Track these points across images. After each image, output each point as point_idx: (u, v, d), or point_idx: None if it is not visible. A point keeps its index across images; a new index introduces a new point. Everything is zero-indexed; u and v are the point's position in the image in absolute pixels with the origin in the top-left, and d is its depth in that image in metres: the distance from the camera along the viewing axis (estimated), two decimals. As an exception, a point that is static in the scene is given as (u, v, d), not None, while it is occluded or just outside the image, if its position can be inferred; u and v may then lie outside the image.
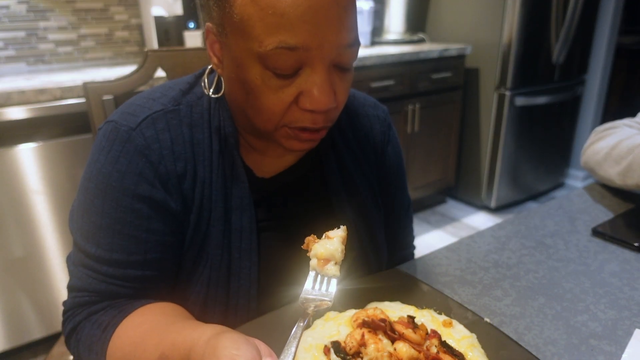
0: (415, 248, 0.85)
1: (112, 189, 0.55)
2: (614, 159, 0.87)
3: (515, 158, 2.58)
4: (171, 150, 0.57)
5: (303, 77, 0.51)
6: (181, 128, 0.59)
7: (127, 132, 0.56)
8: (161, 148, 0.57)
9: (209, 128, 0.60)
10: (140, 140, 0.56)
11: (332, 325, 0.52)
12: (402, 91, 2.22)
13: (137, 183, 0.56)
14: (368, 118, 0.74)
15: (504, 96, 2.41)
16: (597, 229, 0.80)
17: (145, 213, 0.56)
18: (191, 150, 0.59)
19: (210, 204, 0.60)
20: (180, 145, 0.58)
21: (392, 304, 0.57)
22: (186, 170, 0.58)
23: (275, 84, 0.51)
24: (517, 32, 2.29)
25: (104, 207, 0.56)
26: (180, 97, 0.61)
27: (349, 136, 0.71)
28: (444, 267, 0.71)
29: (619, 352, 0.53)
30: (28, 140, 1.41)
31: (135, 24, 2.05)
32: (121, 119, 0.58)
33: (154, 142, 0.57)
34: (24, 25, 1.82)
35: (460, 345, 0.50)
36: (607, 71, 2.79)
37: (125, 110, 0.59)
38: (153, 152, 0.56)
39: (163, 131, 0.58)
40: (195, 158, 0.59)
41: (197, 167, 0.59)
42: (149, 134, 0.57)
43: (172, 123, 0.59)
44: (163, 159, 0.57)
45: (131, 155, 0.56)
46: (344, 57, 0.51)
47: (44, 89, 1.38)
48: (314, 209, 0.68)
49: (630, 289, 0.65)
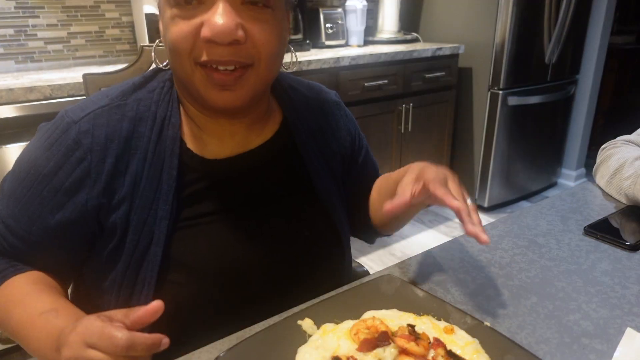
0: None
1: (35, 170, 0.59)
2: (615, 190, 0.92)
3: (508, 157, 2.59)
4: (104, 146, 0.59)
5: (205, 8, 0.53)
6: (121, 123, 0.60)
7: (68, 124, 0.59)
8: (92, 144, 0.58)
9: (153, 120, 0.62)
10: (74, 134, 0.58)
11: (332, 339, 0.51)
12: (395, 90, 2.22)
13: (55, 173, 0.58)
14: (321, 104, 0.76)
15: (497, 95, 2.42)
16: (589, 228, 0.80)
17: (50, 202, 0.58)
18: (127, 145, 0.60)
19: (137, 195, 0.60)
20: (115, 141, 0.59)
21: (390, 312, 0.56)
22: (116, 166, 0.59)
23: (181, 16, 0.53)
24: (510, 32, 2.30)
25: (24, 181, 0.59)
26: (130, 91, 0.63)
27: (308, 123, 0.73)
28: (437, 267, 0.71)
29: (610, 350, 0.53)
30: (17, 140, 1.39)
31: (126, 21, 2.03)
32: (70, 111, 0.61)
33: (86, 137, 0.58)
34: (12, 23, 1.79)
35: (465, 352, 0.49)
36: (599, 71, 2.81)
37: (80, 104, 0.62)
38: (82, 147, 0.58)
39: (100, 127, 0.59)
40: (130, 152, 0.60)
41: (131, 161, 0.60)
42: (84, 129, 0.59)
43: (113, 119, 0.60)
44: (90, 154, 0.58)
45: (62, 146, 0.58)
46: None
47: (33, 88, 1.36)
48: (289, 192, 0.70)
49: (621, 288, 0.65)
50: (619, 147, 0.96)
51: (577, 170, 3.01)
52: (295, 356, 0.50)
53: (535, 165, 2.77)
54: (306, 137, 0.72)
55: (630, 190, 0.85)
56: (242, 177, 0.66)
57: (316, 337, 0.52)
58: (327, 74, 1.94)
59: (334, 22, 2.30)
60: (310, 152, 0.71)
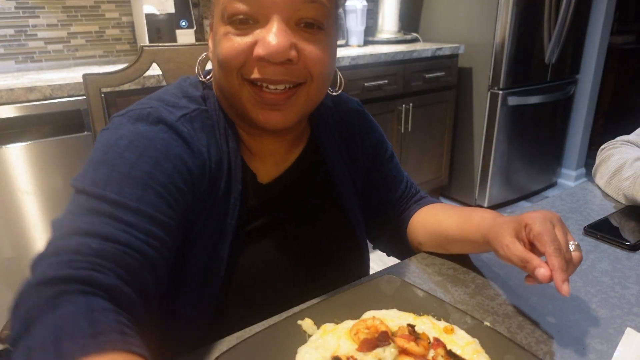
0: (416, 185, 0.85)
1: (153, 149, 0.51)
2: (614, 190, 0.92)
3: (508, 157, 2.59)
4: (207, 148, 0.58)
5: (259, 29, 0.53)
6: (214, 129, 0.60)
7: (170, 121, 0.55)
8: (200, 145, 0.58)
9: (219, 129, 0.61)
10: (184, 130, 0.56)
11: (332, 339, 0.51)
12: (395, 90, 2.22)
13: (182, 156, 0.54)
14: (346, 115, 0.75)
15: (497, 95, 2.42)
16: (589, 228, 0.80)
17: (180, 185, 0.52)
18: (218, 151, 0.60)
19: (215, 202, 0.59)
20: (213, 145, 0.59)
21: (390, 312, 0.56)
22: (216, 170, 0.59)
23: (234, 33, 0.54)
24: (510, 32, 2.30)
25: (138, 161, 0.49)
26: (203, 97, 0.62)
27: (336, 136, 0.73)
28: (437, 267, 0.71)
29: (610, 350, 0.53)
30: (17, 140, 1.39)
31: (126, 21, 2.03)
32: (161, 109, 0.56)
33: (193, 138, 0.57)
34: (12, 23, 1.79)
35: (465, 352, 0.49)
36: (599, 71, 2.81)
37: (158, 105, 0.57)
38: (195, 143, 0.57)
39: (199, 130, 0.58)
40: (221, 159, 0.60)
41: (221, 168, 0.60)
42: (189, 128, 0.57)
43: (206, 123, 0.60)
44: (203, 154, 0.57)
45: (177, 137, 0.55)
46: (302, 11, 0.53)
47: (33, 87, 1.36)
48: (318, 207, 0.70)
49: (621, 288, 0.65)
50: (618, 147, 0.96)
51: (577, 170, 3.01)
52: (295, 356, 0.50)
53: (535, 165, 2.77)
54: (332, 150, 0.71)
55: (629, 190, 0.85)
56: (285, 193, 0.67)
57: (316, 337, 0.52)
58: (327, 74, 1.94)
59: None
60: (337, 166, 0.71)
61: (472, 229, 0.64)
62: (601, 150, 0.99)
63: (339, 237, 0.73)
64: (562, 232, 0.54)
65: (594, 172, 0.99)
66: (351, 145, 0.74)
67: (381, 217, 0.79)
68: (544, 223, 0.53)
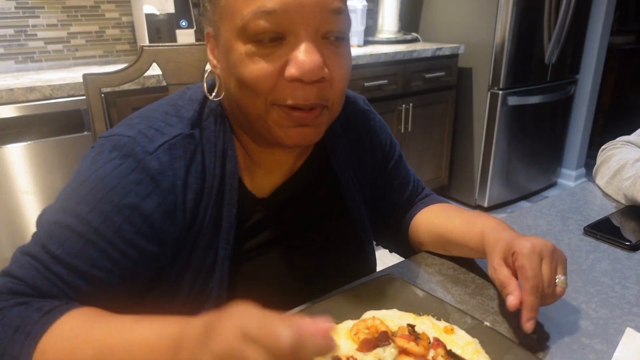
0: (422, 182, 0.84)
1: (107, 202, 0.51)
2: (614, 190, 0.92)
3: (507, 157, 2.59)
4: (184, 180, 0.55)
5: (288, 47, 0.50)
6: (196, 155, 0.56)
7: (142, 153, 0.53)
8: (174, 177, 0.54)
9: (214, 151, 0.58)
10: (156, 164, 0.53)
11: None
12: (395, 90, 2.22)
13: (138, 205, 0.52)
14: (352, 116, 0.73)
15: (497, 95, 2.42)
16: (589, 228, 0.80)
17: (129, 237, 0.52)
18: (202, 179, 0.57)
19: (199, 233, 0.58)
20: (193, 175, 0.56)
21: (390, 312, 0.56)
22: (196, 202, 0.56)
23: (260, 54, 0.50)
24: (510, 32, 2.30)
25: (89, 215, 0.51)
26: (196, 118, 0.58)
27: (344, 141, 0.71)
28: (437, 267, 0.71)
29: (610, 350, 0.53)
30: (17, 140, 1.39)
31: (126, 21, 2.03)
32: (139, 138, 0.54)
33: (169, 169, 0.54)
34: (12, 23, 1.79)
35: (465, 352, 0.49)
36: (599, 71, 2.81)
37: (142, 130, 0.55)
38: (166, 179, 0.53)
39: (179, 159, 0.55)
40: (203, 187, 0.57)
41: (204, 196, 0.57)
42: (165, 160, 0.54)
43: (188, 149, 0.56)
44: (175, 189, 0.54)
45: (142, 177, 0.52)
46: (330, 24, 0.51)
47: (33, 87, 1.36)
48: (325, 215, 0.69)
49: (621, 288, 0.65)
50: (619, 148, 0.96)
51: (577, 170, 3.01)
52: (295, 356, 0.50)
53: (535, 165, 2.77)
54: (340, 155, 0.70)
55: (630, 190, 0.85)
56: (290, 202, 0.66)
57: None
58: (327, 74, 1.94)
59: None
60: (345, 172, 0.70)
61: (473, 236, 0.64)
62: (602, 151, 0.99)
63: (346, 244, 0.71)
64: (549, 267, 0.54)
65: (594, 172, 0.99)
66: (359, 149, 0.72)
67: (387, 218, 0.79)
68: (531, 256, 0.53)
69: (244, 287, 0.61)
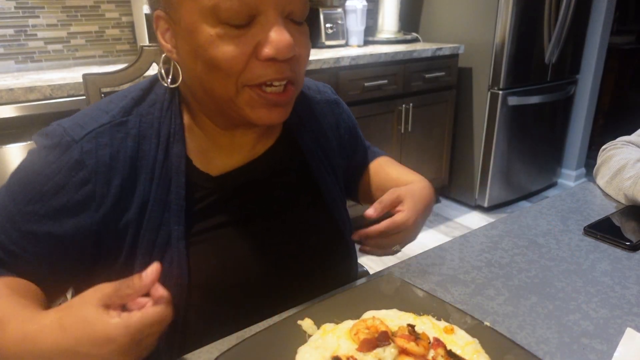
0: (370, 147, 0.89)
1: (32, 188, 0.55)
2: (614, 190, 0.92)
3: (508, 157, 2.59)
4: (109, 167, 0.56)
5: (258, 27, 0.51)
6: (126, 142, 0.58)
7: (68, 143, 0.56)
8: (97, 165, 0.55)
9: (157, 137, 0.59)
10: (77, 154, 0.55)
11: (332, 339, 0.51)
12: (395, 90, 2.22)
13: (55, 193, 0.55)
14: (320, 105, 0.76)
15: (497, 95, 2.42)
16: (589, 228, 0.80)
17: (47, 222, 0.55)
18: (133, 165, 0.58)
19: (145, 216, 0.58)
20: (121, 161, 0.57)
21: (390, 312, 0.56)
22: (122, 188, 0.57)
23: (231, 35, 0.50)
24: (510, 32, 2.30)
25: (18, 198, 0.56)
26: (131, 106, 0.60)
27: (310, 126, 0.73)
28: (437, 267, 0.71)
29: (610, 350, 0.53)
30: (17, 140, 1.39)
31: (126, 21, 2.03)
32: (69, 128, 0.57)
33: (90, 157, 0.55)
34: (12, 23, 1.79)
35: (465, 352, 0.49)
36: (599, 71, 2.81)
37: (77, 120, 0.58)
38: (85, 168, 0.55)
39: (104, 147, 0.56)
40: (137, 172, 0.58)
41: (138, 181, 0.58)
42: (88, 149, 0.56)
43: (116, 137, 0.57)
44: (95, 176, 0.55)
45: (64, 166, 0.55)
46: (294, 5, 0.52)
47: (33, 87, 1.36)
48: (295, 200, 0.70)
49: (621, 288, 0.65)
50: (619, 148, 0.96)
51: (577, 170, 3.01)
52: (295, 356, 0.50)
53: (535, 165, 2.77)
54: (310, 140, 0.71)
55: (630, 190, 0.86)
56: (249, 187, 0.66)
57: (316, 337, 0.52)
58: (327, 74, 1.94)
59: (334, 22, 2.30)
60: (315, 156, 0.71)
61: (384, 183, 0.79)
62: (602, 151, 0.99)
63: (321, 231, 0.71)
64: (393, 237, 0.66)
65: (595, 172, 0.99)
66: (328, 133, 0.75)
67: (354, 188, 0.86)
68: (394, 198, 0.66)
69: (205, 267, 0.61)
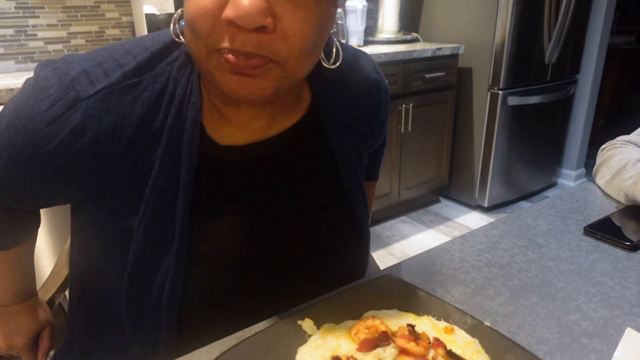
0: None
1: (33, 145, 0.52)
2: (614, 190, 0.92)
3: (508, 157, 2.59)
4: (111, 135, 0.52)
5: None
6: (134, 107, 0.53)
7: (74, 99, 0.51)
8: (99, 131, 0.52)
9: (170, 100, 0.54)
10: (79, 116, 0.51)
11: (332, 339, 0.51)
12: (395, 90, 2.22)
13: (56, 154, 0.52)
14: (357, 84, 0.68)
15: (497, 95, 2.42)
16: (589, 228, 0.80)
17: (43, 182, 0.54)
18: (138, 132, 0.53)
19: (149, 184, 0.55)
20: (125, 129, 0.53)
21: (390, 312, 0.56)
22: (124, 157, 0.54)
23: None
24: (510, 32, 2.30)
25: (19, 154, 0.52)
26: (147, 63, 0.55)
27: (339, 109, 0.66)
28: (437, 267, 0.71)
29: (610, 350, 0.53)
30: (17, 139, 1.39)
31: (126, 21, 2.03)
32: (78, 78, 0.52)
33: (93, 122, 0.51)
34: (12, 23, 1.79)
35: (465, 352, 0.49)
36: (599, 71, 2.81)
37: (87, 66, 0.53)
38: (88, 134, 0.51)
39: (110, 112, 0.52)
40: (141, 140, 0.54)
41: (142, 149, 0.54)
42: (92, 112, 0.51)
43: (124, 102, 0.53)
44: (97, 145, 0.52)
45: (67, 126, 0.51)
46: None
47: (33, 87, 1.36)
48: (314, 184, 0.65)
49: (621, 288, 0.65)
50: (619, 147, 0.96)
51: (577, 170, 3.01)
52: (295, 356, 0.50)
53: (535, 165, 2.77)
54: (337, 124, 0.65)
55: (631, 190, 0.86)
56: (261, 164, 0.61)
57: (316, 337, 0.52)
58: (327, 74, 1.94)
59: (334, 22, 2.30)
60: (340, 141, 0.65)
61: None
62: (602, 151, 0.99)
63: (336, 218, 0.68)
64: None
65: (594, 172, 0.99)
66: (360, 118, 0.68)
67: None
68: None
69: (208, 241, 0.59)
